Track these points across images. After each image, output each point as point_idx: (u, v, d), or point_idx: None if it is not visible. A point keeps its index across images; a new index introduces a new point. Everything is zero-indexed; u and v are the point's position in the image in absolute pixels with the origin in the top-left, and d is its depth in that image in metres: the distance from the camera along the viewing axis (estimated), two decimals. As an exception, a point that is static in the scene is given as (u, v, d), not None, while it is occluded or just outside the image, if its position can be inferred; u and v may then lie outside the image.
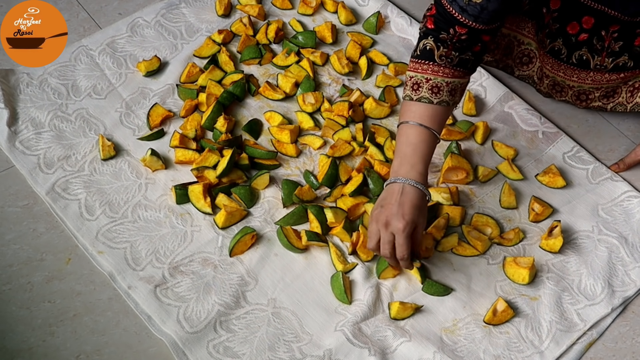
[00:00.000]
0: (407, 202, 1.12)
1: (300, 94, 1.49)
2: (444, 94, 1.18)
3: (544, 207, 1.35)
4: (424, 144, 1.16)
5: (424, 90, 1.17)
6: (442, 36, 1.15)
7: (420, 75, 1.18)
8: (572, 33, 1.30)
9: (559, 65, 1.37)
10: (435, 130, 1.17)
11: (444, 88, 1.17)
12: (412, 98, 1.18)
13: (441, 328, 1.21)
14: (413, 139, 1.16)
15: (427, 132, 1.17)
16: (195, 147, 1.38)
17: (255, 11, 1.63)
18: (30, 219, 1.28)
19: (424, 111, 1.17)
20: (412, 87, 1.18)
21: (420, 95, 1.17)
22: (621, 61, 1.31)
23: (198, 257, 1.25)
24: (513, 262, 1.27)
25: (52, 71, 1.48)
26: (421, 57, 1.18)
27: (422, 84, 1.17)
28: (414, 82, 1.18)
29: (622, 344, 1.22)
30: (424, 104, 1.17)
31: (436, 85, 1.17)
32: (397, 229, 1.11)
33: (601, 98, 1.41)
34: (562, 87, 1.42)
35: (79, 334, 1.16)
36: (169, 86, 1.49)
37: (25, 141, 1.37)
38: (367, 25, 1.65)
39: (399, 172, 1.15)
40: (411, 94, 1.18)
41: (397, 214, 1.11)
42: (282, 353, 1.15)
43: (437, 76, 1.17)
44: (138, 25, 1.59)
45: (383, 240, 1.13)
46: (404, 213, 1.11)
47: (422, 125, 1.16)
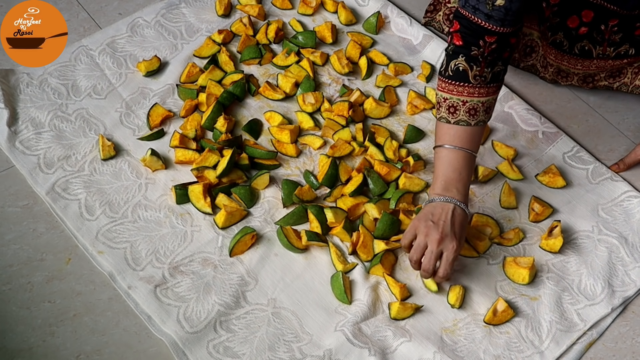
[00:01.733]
0: (459, 223, 1.16)
1: (300, 94, 1.49)
2: (481, 114, 1.19)
3: (544, 207, 1.35)
4: (467, 168, 1.19)
5: (461, 114, 1.18)
6: (474, 53, 1.15)
7: (456, 98, 1.18)
8: (572, 27, 1.31)
9: (562, 55, 1.38)
10: (474, 152, 1.20)
11: (481, 108, 1.18)
12: (449, 121, 1.19)
13: (441, 328, 1.21)
14: (457, 163, 1.18)
15: (468, 155, 1.19)
16: (195, 147, 1.38)
17: (255, 11, 1.63)
18: (30, 219, 1.28)
19: (462, 134, 1.18)
20: (449, 110, 1.18)
21: (458, 119, 1.18)
22: (623, 50, 1.32)
23: (198, 257, 1.25)
24: (513, 262, 1.27)
25: (52, 71, 1.48)
26: (454, 78, 1.18)
27: (459, 107, 1.18)
28: (449, 105, 1.18)
29: (622, 344, 1.22)
30: (462, 127, 1.18)
31: (473, 107, 1.18)
32: (448, 247, 1.14)
33: (607, 78, 1.42)
34: (567, 74, 1.43)
35: (79, 334, 1.16)
36: (169, 86, 1.49)
37: (25, 141, 1.37)
38: (367, 25, 1.65)
39: (446, 193, 1.17)
40: (448, 117, 1.19)
41: (451, 234, 1.14)
42: (282, 353, 1.15)
43: (473, 98, 1.17)
44: (138, 25, 1.59)
45: (429, 257, 1.15)
46: (456, 233, 1.15)
47: (463, 149, 1.18)
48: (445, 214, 1.15)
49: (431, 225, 1.15)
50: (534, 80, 1.58)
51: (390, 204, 1.31)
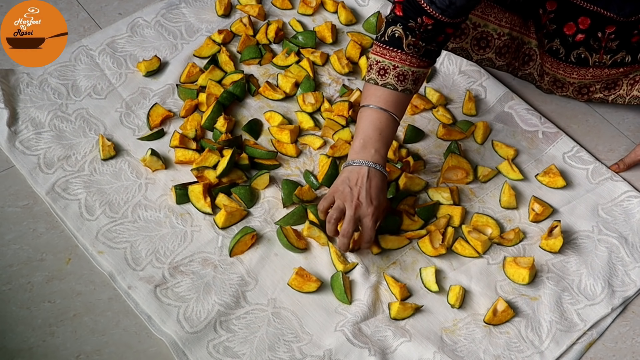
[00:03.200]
0: (375, 186, 1.18)
1: (300, 94, 1.49)
2: (409, 82, 1.21)
3: (544, 207, 1.35)
4: (388, 129, 1.21)
5: (390, 77, 1.20)
6: (410, 24, 1.19)
7: (387, 62, 1.21)
8: (568, 34, 1.31)
9: (558, 64, 1.38)
10: (398, 116, 1.23)
11: (410, 77, 1.21)
12: (377, 82, 1.21)
13: (441, 328, 1.21)
14: (379, 123, 1.20)
15: (390, 117, 1.21)
16: (195, 147, 1.38)
17: (255, 11, 1.63)
18: (30, 219, 1.28)
19: (388, 97, 1.21)
20: (379, 72, 1.21)
21: (386, 82, 1.21)
22: (619, 57, 1.32)
23: (198, 257, 1.25)
24: (513, 262, 1.27)
25: (52, 71, 1.48)
26: (389, 43, 1.21)
27: (389, 70, 1.20)
28: (380, 67, 1.21)
29: (622, 344, 1.22)
30: (389, 90, 1.21)
31: (402, 74, 1.20)
32: (366, 213, 1.17)
33: (602, 90, 1.42)
34: (563, 84, 1.43)
35: (79, 334, 1.16)
36: (169, 86, 1.49)
37: (25, 141, 1.37)
38: (367, 25, 1.65)
39: (362, 154, 1.20)
40: (377, 78, 1.21)
41: (367, 198, 1.17)
42: (282, 353, 1.15)
43: (404, 64, 1.20)
44: (138, 25, 1.59)
45: (348, 221, 1.18)
46: (372, 198, 1.18)
47: (387, 111, 1.21)
48: (361, 178, 1.18)
49: (348, 190, 1.18)
50: (534, 80, 1.58)
51: (392, 205, 1.31)
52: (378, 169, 1.19)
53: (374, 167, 1.19)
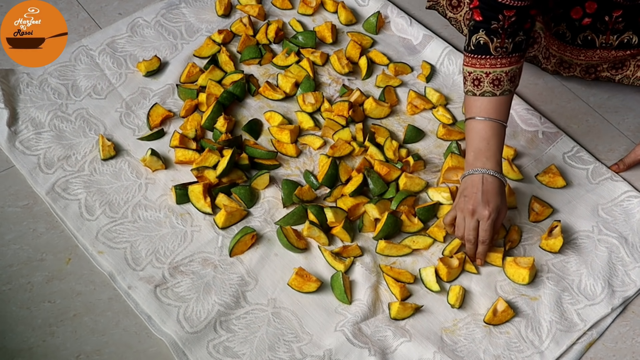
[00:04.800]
0: (490, 190, 1.19)
1: (300, 94, 1.49)
2: (505, 83, 1.22)
3: (544, 207, 1.35)
4: (495, 137, 1.22)
5: (485, 85, 1.21)
6: (494, 26, 1.18)
7: (479, 71, 1.22)
8: (575, 18, 1.31)
9: (564, 46, 1.39)
10: (503, 121, 1.23)
11: (504, 78, 1.21)
12: (474, 93, 1.23)
13: (441, 328, 1.21)
14: (484, 133, 1.21)
15: (495, 124, 1.22)
16: (195, 147, 1.38)
17: (255, 11, 1.63)
18: (30, 219, 1.28)
19: (488, 105, 1.22)
20: (473, 82, 1.22)
21: (482, 90, 1.22)
22: (626, 37, 1.33)
23: (198, 257, 1.25)
24: (513, 262, 1.27)
25: (52, 71, 1.48)
26: (476, 52, 1.21)
27: (483, 78, 1.21)
28: (474, 78, 1.22)
29: (622, 344, 1.22)
30: (488, 97, 1.22)
31: (496, 78, 1.21)
32: (482, 215, 1.19)
33: (609, 69, 1.43)
34: (570, 65, 1.44)
35: (79, 334, 1.16)
36: (169, 86, 1.49)
37: (25, 141, 1.37)
38: (367, 25, 1.65)
39: (475, 164, 1.22)
40: (473, 89, 1.23)
41: (482, 202, 1.18)
42: (282, 353, 1.15)
43: (495, 68, 1.21)
44: (138, 25, 1.59)
45: (468, 228, 1.21)
46: (489, 201, 1.19)
47: (490, 119, 1.21)
48: (475, 185, 1.20)
49: (464, 199, 1.20)
50: (534, 80, 1.58)
51: (392, 205, 1.31)
52: (492, 174, 1.20)
53: (487, 173, 1.20)
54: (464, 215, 1.21)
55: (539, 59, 1.50)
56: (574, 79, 1.57)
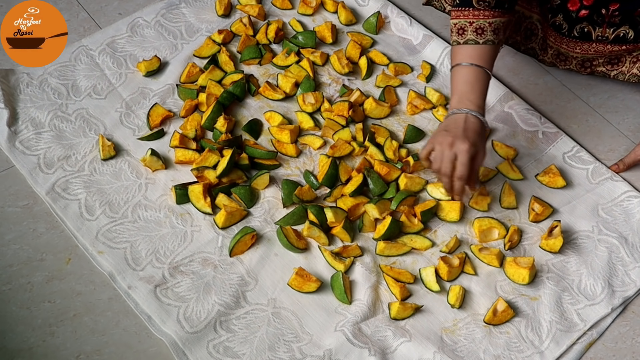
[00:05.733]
0: (471, 128, 1.21)
1: (300, 94, 1.49)
2: (488, 33, 1.25)
3: (544, 207, 1.35)
4: (479, 82, 1.24)
5: (469, 33, 1.25)
6: None
7: (463, 21, 1.26)
8: (572, 9, 1.32)
9: (561, 38, 1.40)
10: (487, 68, 1.25)
11: (487, 28, 1.25)
12: (459, 42, 1.26)
13: (441, 328, 1.21)
14: (468, 77, 1.24)
15: (479, 70, 1.24)
16: (195, 147, 1.38)
17: (255, 11, 1.63)
18: (30, 219, 1.28)
19: (472, 52, 1.25)
20: (458, 32, 1.27)
21: (466, 38, 1.25)
22: (622, 31, 1.33)
23: (198, 257, 1.25)
24: (513, 262, 1.27)
25: (52, 71, 1.48)
26: (460, 4, 1.26)
27: (467, 27, 1.25)
28: (458, 28, 1.26)
29: (622, 344, 1.22)
30: (471, 45, 1.25)
31: (480, 27, 1.25)
32: (461, 149, 1.19)
33: (605, 64, 1.43)
34: (566, 57, 1.45)
35: (79, 334, 1.16)
36: (169, 86, 1.49)
37: (25, 141, 1.37)
38: (367, 25, 1.65)
39: (460, 105, 1.23)
40: (457, 38, 1.27)
41: (462, 137, 1.19)
42: (282, 353, 1.15)
43: (478, 19, 1.25)
44: (138, 25, 1.59)
45: (446, 159, 1.20)
46: (468, 136, 1.20)
47: (474, 65, 1.24)
48: (457, 122, 1.21)
49: (444, 133, 1.21)
50: (534, 80, 1.58)
51: (392, 205, 1.31)
52: (474, 115, 1.22)
53: (470, 113, 1.22)
54: (442, 148, 1.21)
55: (536, 51, 1.51)
56: (574, 78, 1.58)
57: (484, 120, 1.23)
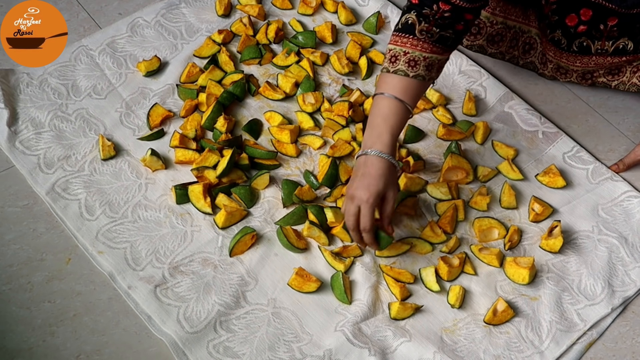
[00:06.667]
0: (372, 172, 1.14)
1: (300, 94, 1.49)
2: (421, 68, 1.18)
3: (544, 207, 1.35)
4: (394, 116, 1.17)
5: (400, 63, 1.18)
6: (425, 11, 1.15)
7: (399, 49, 1.18)
8: (570, 25, 1.31)
9: (560, 53, 1.39)
10: (408, 104, 1.18)
11: (421, 62, 1.17)
12: (389, 70, 1.19)
13: (441, 328, 1.21)
14: (385, 110, 1.17)
15: (399, 104, 1.17)
16: (195, 147, 1.38)
17: (255, 11, 1.63)
18: (30, 219, 1.28)
19: (398, 83, 1.18)
20: (390, 59, 1.19)
21: (396, 68, 1.18)
22: (621, 43, 1.32)
23: (198, 257, 1.25)
24: (513, 262, 1.27)
25: (52, 71, 1.48)
26: (402, 30, 1.18)
27: (400, 57, 1.18)
28: (392, 55, 1.19)
29: (622, 344, 1.22)
30: (400, 76, 1.18)
31: (413, 59, 1.17)
32: (361, 199, 1.13)
33: (606, 74, 1.43)
34: (567, 70, 1.44)
35: (79, 334, 1.16)
36: (169, 86, 1.49)
37: (25, 141, 1.37)
38: (367, 25, 1.65)
39: (367, 143, 1.17)
40: (388, 66, 1.19)
41: (361, 186, 1.13)
42: (282, 353, 1.15)
43: (415, 50, 1.17)
44: (138, 25, 1.59)
45: (348, 212, 1.15)
46: (369, 184, 1.13)
47: (396, 98, 1.17)
48: (359, 168, 1.16)
49: (349, 184, 1.17)
50: (534, 80, 1.58)
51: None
52: (378, 155, 1.14)
53: (371, 153, 1.15)
54: (345, 201, 1.17)
55: (536, 65, 1.50)
56: (574, 79, 1.58)
57: (390, 158, 1.15)
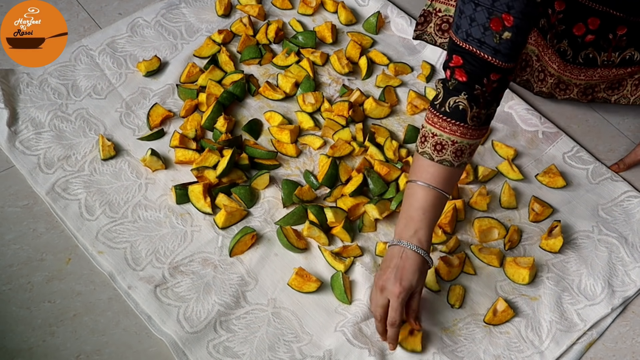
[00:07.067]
0: (407, 267, 1.09)
1: (300, 94, 1.49)
2: (466, 156, 1.12)
3: (544, 207, 1.35)
4: (434, 208, 1.12)
5: (447, 153, 1.10)
6: (477, 92, 1.07)
7: (446, 136, 1.09)
8: (578, 34, 1.30)
9: (565, 65, 1.37)
10: (448, 193, 1.13)
11: (467, 150, 1.11)
12: (432, 158, 1.11)
13: (441, 328, 1.21)
14: (423, 202, 1.11)
15: (440, 195, 1.12)
16: (195, 147, 1.38)
17: (255, 11, 1.63)
18: (30, 219, 1.28)
19: (441, 174, 1.11)
20: (435, 147, 1.10)
21: (442, 158, 1.10)
22: (628, 54, 1.31)
23: (198, 257, 1.25)
24: (513, 262, 1.27)
25: (52, 71, 1.48)
26: (452, 116, 1.08)
27: (448, 146, 1.10)
28: (437, 142, 1.10)
29: (622, 344, 1.22)
30: (444, 166, 1.11)
31: (461, 149, 1.10)
32: (391, 293, 1.09)
33: (606, 90, 1.42)
34: (567, 85, 1.42)
35: (79, 334, 1.16)
36: (169, 86, 1.49)
37: (25, 141, 1.37)
38: (367, 25, 1.65)
39: (403, 234, 1.12)
40: (432, 153, 1.11)
41: (394, 278, 1.09)
42: (282, 353, 1.15)
43: (464, 138, 1.09)
44: (138, 25, 1.59)
45: (376, 304, 1.11)
46: (402, 278, 1.09)
47: (436, 189, 1.11)
48: (393, 259, 1.11)
49: (380, 274, 1.12)
50: (534, 80, 1.58)
51: (392, 206, 1.31)
52: (414, 250, 1.10)
53: (408, 247, 1.10)
54: (375, 290, 1.12)
55: (531, 83, 1.47)
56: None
57: (426, 254, 1.11)
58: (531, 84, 1.47)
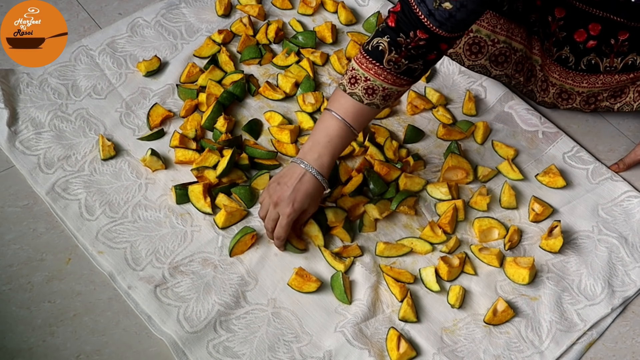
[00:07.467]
0: (303, 190, 1.18)
1: (300, 94, 1.49)
2: (377, 97, 1.17)
3: (544, 207, 1.35)
4: (339, 139, 1.19)
5: (358, 88, 1.16)
6: (399, 39, 1.11)
7: (361, 72, 1.15)
8: (579, 41, 1.30)
9: (567, 73, 1.37)
10: (355, 129, 1.19)
11: (379, 92, 1.16)
12: (345, 90, 1.18)
13: (441, 328, 1.21)
14: (331, 131, 1.18)
15: (346, 128, 1.18)
16: (195, 147, 1.38)
17: (255, 11, 1.63)
18: (30, 219, 1.28)
19: (350, 107, 1.18)
20: (350, 80, 1.17)
21: (353, 91, 1.17)
22: (630, 59, 1.31)
23: (198, 257, 1.25)
24: (513, 262, 1.27)
25: (52, 71, 1.48)
26: (370, 54, 1.14)
27: (360, 81, 1.16)
28: (351, 76, 1.17)
29: (622, 344, 1.22)
30: (354, 100, 1.17)
31: (372, 87, 1.15)
32: (283, 212, 1.18)
33: (609, 98, 1.42)
34: (570, 94, 1.42)
35: (79, 334, 1.16)
36: (169, 86, 1.49)
37: (25, 141, 1.37)
38: (367, 25, 1.65)
39: (306, 156, 1.19)
40: (346, 85, 1.17)
41: (289, 199, 1.18)
42: (282, 354, 1.15)
43: (377, 79, 1.14)
44: (138, 25, 1.59)
45: (268, 217, 1.21)
46: (295, 200, 1.18)
47: (344, 121, 1.18)
48: (293, 177, 1.18)
49: (276, 186, 1.20)
50: (534, 80, 1.58)
51: (392, 206, 1.31)
52: (313, 174, 1.18)
53: (310, 171, 1.18)
54: (268, 203, 1.20)
55: (534, 93, 1.47)
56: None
57: (323, 181, 1.19)
58: (534, 94, 1.48)
